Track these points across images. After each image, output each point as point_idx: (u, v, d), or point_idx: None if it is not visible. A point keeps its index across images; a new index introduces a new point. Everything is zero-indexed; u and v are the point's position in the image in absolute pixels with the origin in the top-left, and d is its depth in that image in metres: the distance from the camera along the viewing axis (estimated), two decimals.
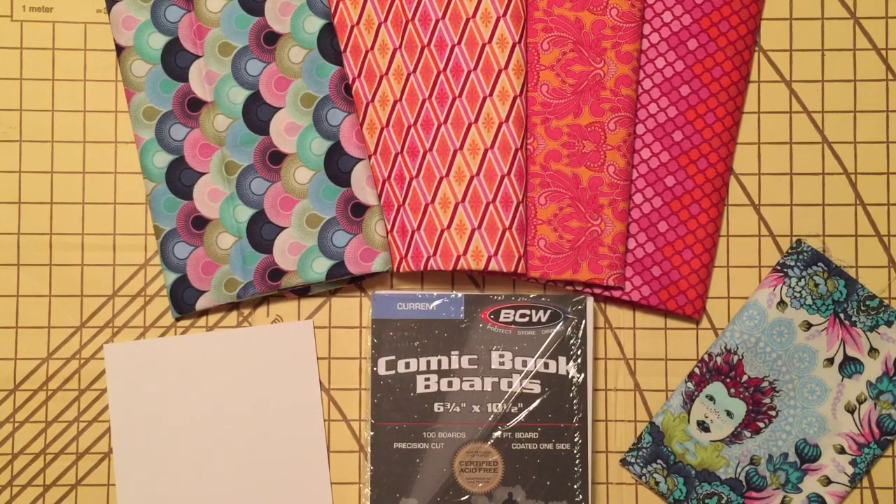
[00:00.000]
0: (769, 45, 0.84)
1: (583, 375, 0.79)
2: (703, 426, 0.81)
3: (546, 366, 0.78)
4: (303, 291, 0.83)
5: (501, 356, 0.79)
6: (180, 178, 0.81)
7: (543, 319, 0.79)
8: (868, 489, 0.82)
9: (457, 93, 0.80)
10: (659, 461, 0.81)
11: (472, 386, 0.79)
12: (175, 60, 0.81)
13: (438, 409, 0.79)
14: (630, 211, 0.81)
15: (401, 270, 0.81)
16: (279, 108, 0.81)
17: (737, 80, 0.82)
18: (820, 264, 0.82)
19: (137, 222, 0.83)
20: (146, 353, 0.82)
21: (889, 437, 0.81)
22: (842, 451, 0.80)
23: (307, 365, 0.82)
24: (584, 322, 0.79)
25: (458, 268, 0.79)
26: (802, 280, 0.82)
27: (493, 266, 0.79)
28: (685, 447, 0.81)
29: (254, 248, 0.80)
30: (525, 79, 0.80)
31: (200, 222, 0.81)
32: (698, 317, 0.82)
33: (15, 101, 0.83)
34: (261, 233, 0.80)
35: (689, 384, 0.82)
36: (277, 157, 0.81)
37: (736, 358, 0.81)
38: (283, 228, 0.80)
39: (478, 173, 0.79)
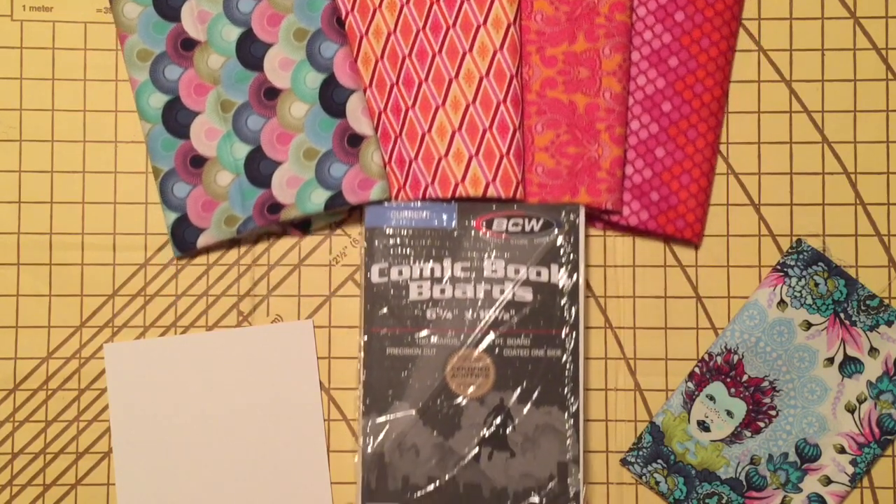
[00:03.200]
0: (769, 45, 0.84)
1: (574, 283, 0.79)
2: (704, 426, 0.81)
3: (538, 273, 0.79)
4: (305, 228, 0.83)
5: (494, 264, 0.79)
6: (176, 118, 0.81)
7: (536, 228, 0.79)
8: (868, 489, 0.82)
9: (450, 22, 0.80)
10: (659, 461, 0.81)
11: (464, 293, 0.79)
12: (166, 0, 0.81)
13: (431, 315, 0.79)
14: (627, 137, 0.82)
15: (399, 201, 0.81)
16: (272, 44, 0.81)
17: (731, 3, 0.82)
18: (820, 264, 0.82)
19: (137, 222, 0.83)
20: (146, 353, 0.82)
21: (889, 437, 0.81)
22: (842, 450, 0.80)
23: (307, 365, 0.82)
24: (576, 230, 0.79)
25: (457, 195, 0.80)
26: (802, 280, 0.82)
27: (491, 192, 0.79)
28: (685, 447, 0.81)
29: (252, 184, 0.80)
30: (518, 7, 0.80)
31: (198, 161, 0.81)
32: (697, 240, 0.82)
33: (15, 101, 0.83)
34: (258, 168, 0.81)
35: (690, 384, 0.82)
36: (272, 93, 0.81)
37: (736, 357, 0.81)
38: (280, 163, 0.81)
39: (473, 101, 0.80)
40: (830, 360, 0.81)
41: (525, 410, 0.78)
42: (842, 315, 0.81)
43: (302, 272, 0.83)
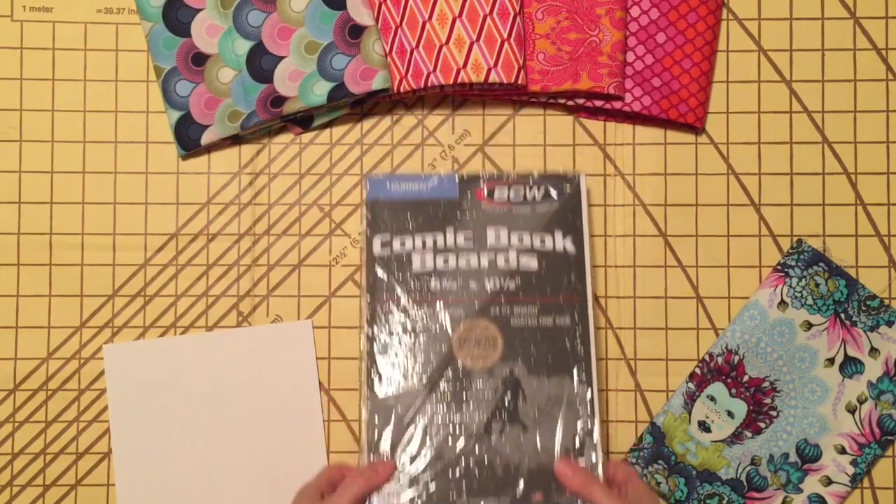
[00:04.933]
0: (769, 45, 0.84)
1: (580, 250, 0.78)
2: (704, 426, 0.81)
3: (543, 241, 0.78)
4: (306, 124, 0.83)
5: (497, 232, 0.78)
6: (177, 16, 0.81)
7: (538, 197, 0.79)
8: (868, 489, 0.82)
9: None
10: (660, 461, 0.81)
11: (468, 263, 0.78)
12: None
13: (435, 286, 0.78)
14: (628, 24, 0.82)
15: (401, 90, 0.81)
16: None
17: None
18: (820, 264, 0.82)
19: (137, 222, 0.83)
20: (146, 353, 0.82)
21: (890, 437, 0.80)
22: (842, 451, 0.80)
23: (307, 365, 0.82)
24: (578, 197, 0.79)
25: (459, 81, 0.80)
26: (803, 280, 0.81)
27: (493, 78, 0.79)
28: (686, 447, 0.81)
29: (254, 80, 0.81)
30: None
31: (200, 59, 0.81)
32: (700, 125, 0.82)
33: (15, 101, 0.83)
34: (260, 64, 0.81)
35: (690, 384, 0.82)
36: None
37: (737, 358, 0.81)
38: (282, 58, 0.81)
39: None
40: (831, 361, 0.81)
41: (536, 382, 0.76)
42: (842, 315, 0.81)
43: (302, 272, 0.83)
